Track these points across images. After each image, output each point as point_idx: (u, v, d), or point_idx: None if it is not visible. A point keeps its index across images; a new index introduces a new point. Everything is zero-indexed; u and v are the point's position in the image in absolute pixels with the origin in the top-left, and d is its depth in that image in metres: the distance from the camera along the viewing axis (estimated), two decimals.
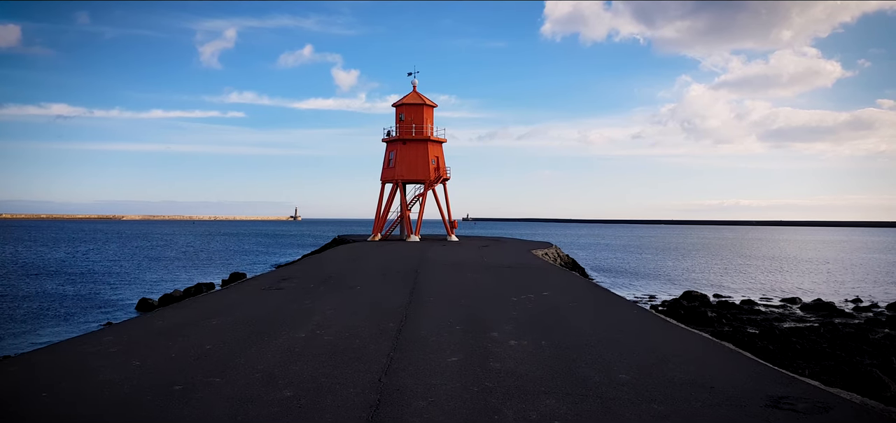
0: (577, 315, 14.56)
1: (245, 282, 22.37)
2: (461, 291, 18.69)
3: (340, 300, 16.59)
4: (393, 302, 16.21)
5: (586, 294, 18.73)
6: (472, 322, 13.43)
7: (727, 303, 33.84)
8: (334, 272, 24.38)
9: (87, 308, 31.59)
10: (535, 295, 17.98)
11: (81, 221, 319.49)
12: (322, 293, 18.10)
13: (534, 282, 21.49)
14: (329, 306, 15.53)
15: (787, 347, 19.42)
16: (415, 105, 53.45)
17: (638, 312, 15.65)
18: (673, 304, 32.12)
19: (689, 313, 27.73)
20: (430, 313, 14.57)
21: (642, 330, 12.98)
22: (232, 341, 11.54)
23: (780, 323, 27.72)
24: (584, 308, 15.73)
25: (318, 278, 22.46)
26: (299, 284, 20.65)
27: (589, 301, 17.05)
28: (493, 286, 20.00)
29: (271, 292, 18.50)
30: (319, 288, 19.40)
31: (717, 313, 29.68)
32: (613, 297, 18.83)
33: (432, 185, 53.52)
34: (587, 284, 22.06)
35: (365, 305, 15.78)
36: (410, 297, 17.18)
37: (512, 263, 30.10)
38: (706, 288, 41.98)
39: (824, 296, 37.55)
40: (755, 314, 30.29)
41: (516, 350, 10.88)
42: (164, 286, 40.66)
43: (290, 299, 17.01)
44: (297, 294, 17.98)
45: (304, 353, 10.61)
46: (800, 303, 34.94)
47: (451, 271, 25.01)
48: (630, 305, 17.08)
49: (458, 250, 39.41)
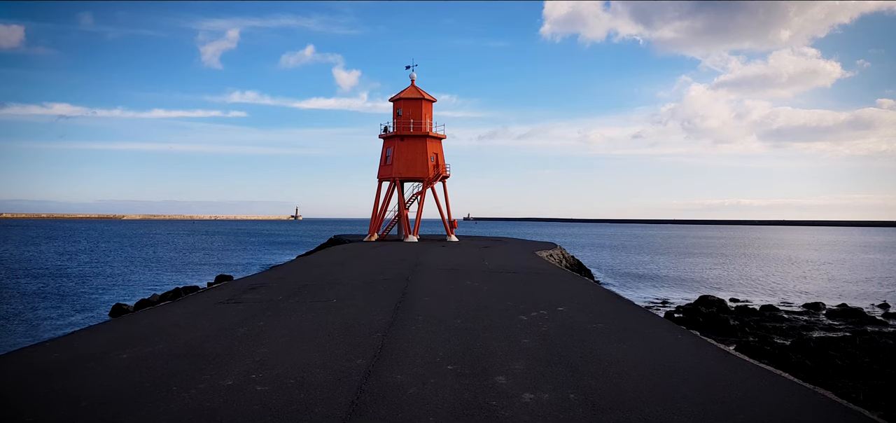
0: (607, 343, 10.84)
1: (201, 294, 18.64)
2: (458, 306, 14.95)
3: (305, 321, 12.86)
4: (371, 324, 12.50)
5: (610, 309, 14.99)
6: (469, 357, 9.69)
7: (747, 309, 30.96)
8: (313, 280, 20.67)
9: (61, 313, 28.52)
10: (548, 311, 14.24)
11: (82, 220, 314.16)
12: (287, 310, 14.39)
13: (544, 292, 17.77)
14: (287, 331, 11.81)
15: (826, 362, 16.77)
16: (413, 100, 49.68)
17: (685, 338, 11.87)
18: (690, 310, 29.24)
19: (708, 320, 24.82)
20: (414, 342, 10.84)
21: (700, 368, 9.27)
22: (123, 393, 7.79)
23: (809, 332, 24.83)
24: (613, 330, 12.02)
25: (291, 287, 18.74)
26: (266, 295, 16.93)
27: (616, 320, 13.32)
28: (497, 299, 16.26)
29: (226, 308, 14.80)
30: (287, 302, 15.68)
31: (738, 320, 26.89)
32: (646, 314, 15.05)
33: (431, 183, 49.74)
34: (607, 295, 18.30)
35: (334, 328, 12.06)
36: (394, 316, 13.45)
37: (516, 267, 26.37)
38: (718, 290, 39.18)
39: (847, 300, 34.83)
40: (779, 322, 27.34)
41: (533, 411, 7.16)
42: (146, 289, 37.76)
43: (243, 318, 13.29)
44: (255, 311, 14.27)
45: (216, 419, 6.94)
46: (824, 309, 31.92)
47: (448, 278, 21.28)
48: (670, 326, 13.29)
49: (457, 252, 35.69)
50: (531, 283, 20.14)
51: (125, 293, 36.66)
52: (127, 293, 36.64)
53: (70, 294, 35.70)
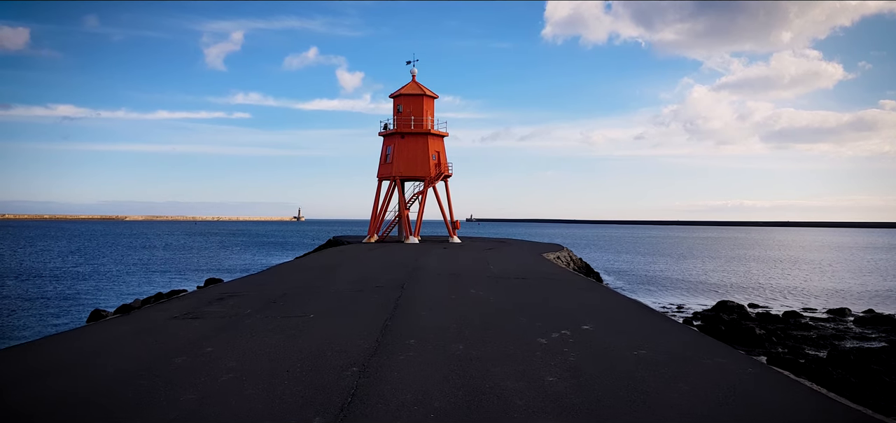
0: (660, 382, 7.86)
1: (159, 305, 15.59)
2: (460, 323, 12.00)
3: (266, 347, 9.86)
4: (349, 350, 9.55)
5: (648, 328, 12.01)
6: (475, 409, 6.74)
7: (768, 315, 28.23)
8: (296, 287, 17.74)
9: (36, 318, 26.06)
10: (571, 331, 11.28)
11: (84, 221, 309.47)
12: (250, 328, 11.44)
13: (561, 304, 14.82)
14: (237, 362, 8.83)
15: (872, 379, 14.46)
16: (414, 96, 46.70)
17: (757, 369, 8.76)
18: (710, 317, 26.47)
19: (730, 328, 22.23)
20: (401, 382, 7.85)
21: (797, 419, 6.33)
22: None
23: (841, 342, 22.45)
24: (662, 361, 9.04)
25: (267, 296, 15.80)
26: (233, 307, 13.98)
27: (660, 344, 10.32)
28: (507, 313, 13.31)
29: (178, 325, 11.87)
30: (255, 317, 12.73)
31: (763, 328, 24.22)
32: (694, 335, 12.02)
33: (433, 182, 46.74)
34: (637, 308, 15.27)
35: (300, 357, 9.13)
36: (380, 338, 10.51)
37: (524, 271, 23.42)
38: (733, 294, 36.47)
39: (872, 305, 32.20)
40: (806, 330, 24.81)
41: None
42: (133, 293, 35.09)
43: (190, 341, 10.34)
44: (211, 329, 11.32)
45: None
46: (851, 315, 29.38)
47: (449, 285, 18.33)
48: (729, 351, 10.14)
49: (459, 255, 32.75)
50: (544, 292, 17.17)
51: (112, 296, 34.31)
52: (114, 296, 34.36)
53: (54, 297, 33.37)
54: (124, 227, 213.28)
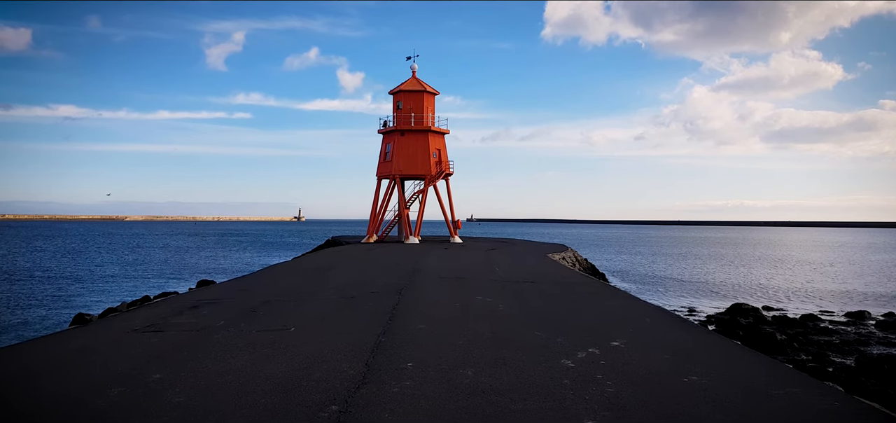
0: None
1: (122, 315, 13.48)
2: (467, 339, 9.99)
3: (228, 373, 7.81)
4: (329, 379, 7.51)
5: (691, 345, 10.01)
6: None
7: (786, 318, 26.47)
8: (282, 293, 15.73)
9: (16, 320, 24.41)
10: (599, 349, 9.28)
11: (83, 222, 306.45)
12: (215, 346, 9.40)
13: (580, 313, 12.85)
14: (185, 397, 6.74)
15: None
16: (414, 92, 44.70)
17: (843, 403, 6.82)
18: (726, 322, 24.89)
19: (748, 333, 20.66)
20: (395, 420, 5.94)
21: None
22: None
23: (866, 348, 21.04)
24: (724, 393, 6.99)
25: (248, 304, 13.79)
26: (205, 318, 11.98)
27: (715, 368, 8.31)
28: (521, 325, 11.31)
29: (135, 341, 9.88)
30: (226, 331, 10.72)
31: (783, 333, 22.47)
32: (751, 357, 10.00)
33: (433, 180, 44.73)
34: (669, 318, 13.24)
35: (269, 386, 7.10)
36: (371, 357, 8.51)
37: (531, 274, 21.45)
38: (743, 296, 34.71)
39: (891, 308, 30.38)
40: (827, 335, 23.27)
41: None
42: (123, 295, 33.36)
43: (144, 361, 8.31)
44: (170, 347, 9.30)
45: None
46: (871, 318, 27.76)
47: (453, 290, 16.34)
48: (799, 378, 7.98)
49: (462, 256, 30.76)
50: (559, 298, 15.18)
51: (103, 298, 32.57)
52: (104, 298, 32.65)
53: (42, 298, 31.73)
54: (124, 227, 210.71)
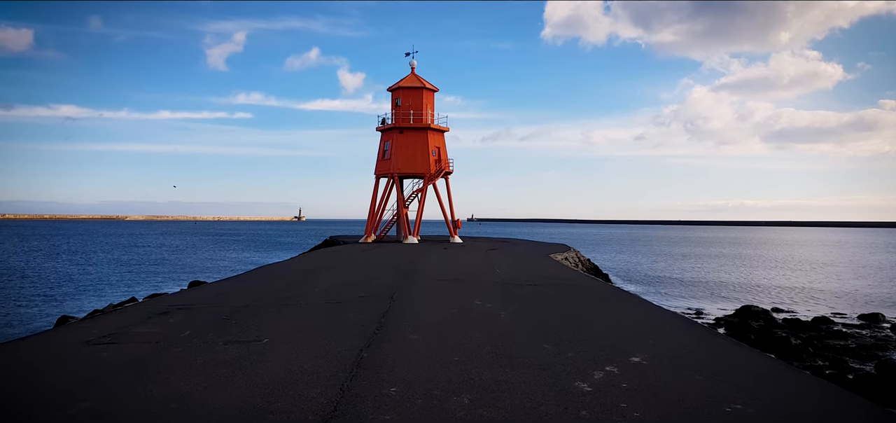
0: None
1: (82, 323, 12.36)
2: (464, 353, 8.83)
3: (180, 396, 6.46)
4: (296, 409, 6.21)
5: (720, 359, 8.78)
6: None
7: (798, 321, 25.55)
8: (260, 298, 14.51)
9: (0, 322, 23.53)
10: (617, 367, 8.09)
11: (84, 221, 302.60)
12: (176, 360, 8.09)
13: (591, 321, 11.69)
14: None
15: None
16: (413, 89, 43.56)
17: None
18: (735, 325, 23.91)
19: (760, 337, 19.90)
20: None
21: None
22: None
23: (885, 353, 20.03)
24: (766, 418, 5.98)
25: (221, 310, 12.55)
26: (172, 326, 10.75)
27: (749, 388, 7.09)
28: (526, 337, 10.17)
29: (87, 354, 8.61)
30: (190, 343, 9.46)
31: (797, 337, 21.41)
32: (795, 376, 8.59)
33: (433, 179, 43.58)
34: (691, 327, 12.01)
35: (221, 420, 6.07)
36: (348, 380, 7.25)
37: (535, 276, 20.30)
38: (746, 296, 33.79)
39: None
40: (842, 339, 22.34)
41: None
42: (112, 296, 32.24)
43: (77, 385, 6.90)
44: (121, 364, 7.99)
45: None
46: (886, 321, 26.68)
47: (451, 294, 15.20)
48: (858, 402, 6.89)
49: (461, 256, 29.63)
50: (565, 303, 14.02)
51: (92, 299, 31.46)
52: (93, 299, 31.45)
53: (31, 297, 30.81)
54: (124, 227, 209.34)
